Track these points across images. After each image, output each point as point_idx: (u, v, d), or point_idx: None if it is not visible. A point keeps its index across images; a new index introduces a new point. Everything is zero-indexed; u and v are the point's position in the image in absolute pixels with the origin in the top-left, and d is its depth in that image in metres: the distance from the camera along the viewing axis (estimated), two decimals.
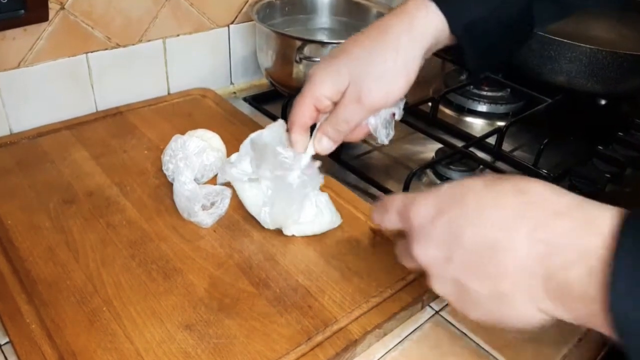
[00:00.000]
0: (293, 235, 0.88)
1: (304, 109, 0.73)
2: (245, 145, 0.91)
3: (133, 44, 1.24)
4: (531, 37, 0.81)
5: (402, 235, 0.63)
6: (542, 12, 0.77)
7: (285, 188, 0.81)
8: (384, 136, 0.74)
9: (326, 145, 0.71)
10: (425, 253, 0.56)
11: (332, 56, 0.73)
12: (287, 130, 0.81)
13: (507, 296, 0.51)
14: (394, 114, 0.75)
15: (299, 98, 0.73)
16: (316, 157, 0.81)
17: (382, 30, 0.72)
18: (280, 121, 0.90)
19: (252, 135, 0.90)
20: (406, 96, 0.74)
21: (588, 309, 0.46)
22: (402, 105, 0.76)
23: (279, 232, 0.90)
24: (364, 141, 1.22)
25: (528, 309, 0.51)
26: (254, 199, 0.90)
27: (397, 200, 0.61)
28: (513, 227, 0.49)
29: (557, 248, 0.47)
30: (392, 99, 0.71)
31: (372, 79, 0.69)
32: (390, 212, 0.62)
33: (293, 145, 0.76)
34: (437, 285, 0.57)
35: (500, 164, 1.17)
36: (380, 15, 1.37)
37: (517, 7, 0.75)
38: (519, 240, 0.49)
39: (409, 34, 0.71)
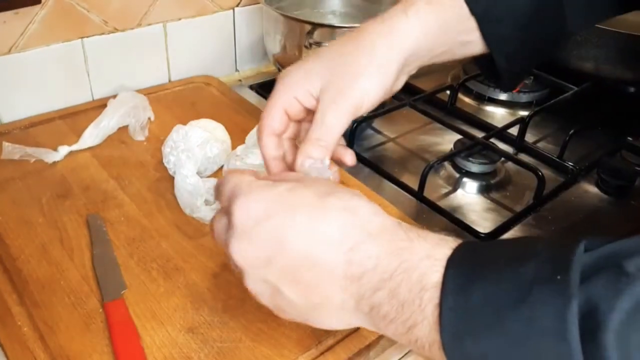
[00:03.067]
0: None
1: (273, 113, 0.70)
2: (252, 136, 0.90)
3: (131, 29, 1.24)
4: (565, 40, 0.78)
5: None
6: (574, 12, 0.77)
7: None
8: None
9: (309, 164, 0.68)
10: (244, 251, 0.57)
11: (304, 60, 0.72)
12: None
13: (319, 305, 0.56)
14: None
15: (268, 102, 0.71)
16: None
17: (358, 33, 0.71)
18: None
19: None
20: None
21: (396, 327, 0.52)
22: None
23: None
24: (378, 132, 1.22)
25: (339, 318, 0.57)
26: None
27: (230, 183, 0.60)
28: (334, 245, 0.54)
29: (366, 271, 0.52)
30: (367, 101, 0.68)
31: (345, 79, 0.67)
32: (222, 193, 0.61)
33: (262, 150, 0.72)
34: (250, 283, 0.58)
35: (523, 156, 1.16)
36: None
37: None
38: (337, 259, 0.53)
39: (386, 37, 0.70)
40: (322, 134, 0.66)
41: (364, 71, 0.67)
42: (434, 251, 0.51)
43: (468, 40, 0.74)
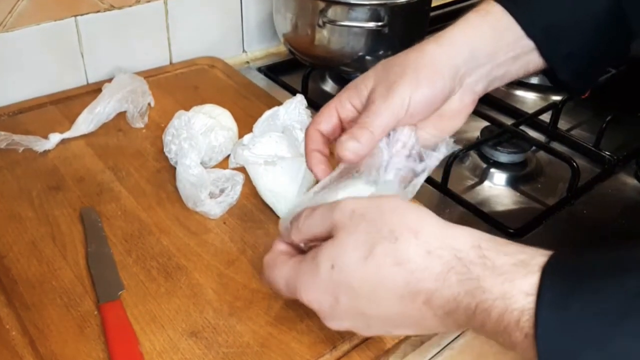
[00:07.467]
0: None
1: (323, 110, 0.76)
2: (260, 123, 0.89)
3: (129, 6, 1.23)
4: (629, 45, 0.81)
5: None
6: (636, 15, 0.78)
7: None
8: (389, 173, 0.73)
9: (351, 146, 0.71)
10: (338, 325, 0.63)
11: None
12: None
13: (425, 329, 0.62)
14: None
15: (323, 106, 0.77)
16: None
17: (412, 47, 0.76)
18: (300, 96, 0.88)
19: (268, 112, 0.88)
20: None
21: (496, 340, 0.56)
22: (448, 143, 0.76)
23: None
24: None
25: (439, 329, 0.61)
26: (270, 185, 0.88)
27: (282, 272, 0.65)
28: (410, 300, 0.57)
29: (452, 310, 0.56)
30: (415, 98, 0.71)
31: (397, 74, 0.72)
32: (279, 283, 0.65)
33: (305, 141, 0.77)
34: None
35: (555, 145, 1.16)
36: None
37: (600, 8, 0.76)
38: (420, 308, 0.57)
39: (435, 41, 0.75)
40: (369, 120, 0.71)
41: (412, 65, 0.73)
42: (507, 287, 0.52)
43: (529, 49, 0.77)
